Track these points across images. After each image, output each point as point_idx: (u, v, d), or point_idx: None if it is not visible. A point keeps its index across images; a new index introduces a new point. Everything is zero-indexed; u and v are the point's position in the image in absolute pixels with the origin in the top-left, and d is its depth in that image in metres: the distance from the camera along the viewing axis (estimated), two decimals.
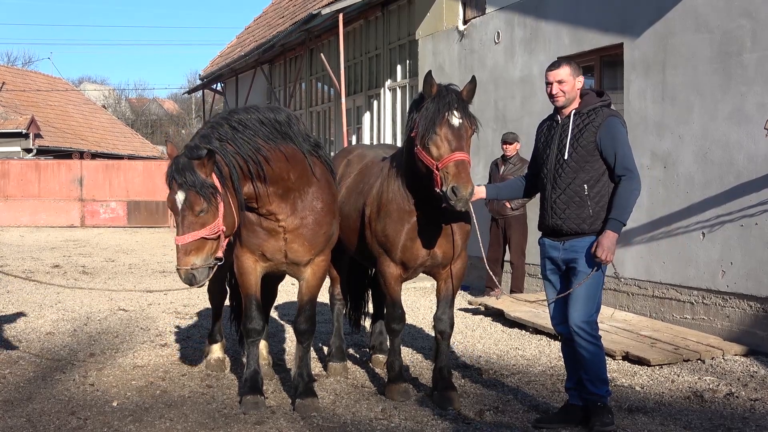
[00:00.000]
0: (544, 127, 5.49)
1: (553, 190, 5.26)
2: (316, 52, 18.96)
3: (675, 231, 8.50)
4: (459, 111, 5.35)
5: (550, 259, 5.38)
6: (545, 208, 5.35)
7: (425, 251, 5.83)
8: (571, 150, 5.18)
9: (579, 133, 5.17)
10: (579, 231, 5.19)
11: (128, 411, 5.67)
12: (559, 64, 5.33)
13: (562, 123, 5.29)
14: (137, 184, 27.12)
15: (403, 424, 5.42)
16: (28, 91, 38.11)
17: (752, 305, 7.68)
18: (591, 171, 5.15)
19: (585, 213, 5.16)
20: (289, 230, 5.63)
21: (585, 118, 5.19)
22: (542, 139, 5.45)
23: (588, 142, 5.14)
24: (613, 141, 5.12)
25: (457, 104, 5.36)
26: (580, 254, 5.20)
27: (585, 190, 5.15)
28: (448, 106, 5.33)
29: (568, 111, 5.28)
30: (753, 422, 5.51)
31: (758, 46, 7.62)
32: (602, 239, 5.09)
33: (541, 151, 5.43)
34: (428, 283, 11.28)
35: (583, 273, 5.18)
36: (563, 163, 5.20)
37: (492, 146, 11.28)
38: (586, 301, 5.18)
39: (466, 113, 5.41)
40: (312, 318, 5.92)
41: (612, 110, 5.28)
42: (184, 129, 64.18)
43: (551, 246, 5.36)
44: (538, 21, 10.82)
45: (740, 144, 7.79)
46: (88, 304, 10.39)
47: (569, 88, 5.22)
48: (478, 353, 7.66)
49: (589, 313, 5.19)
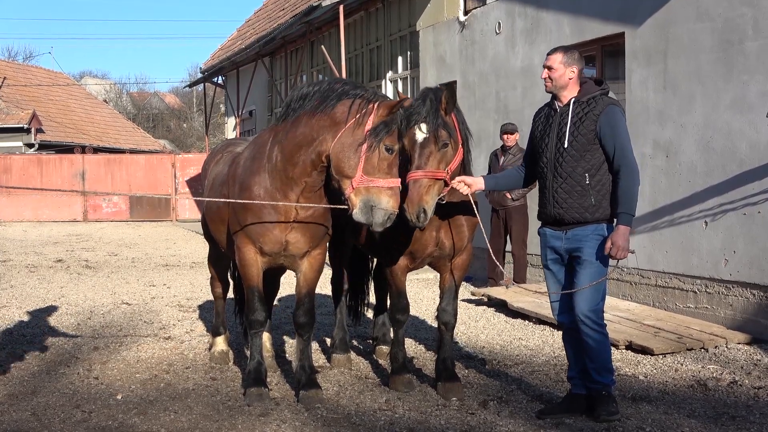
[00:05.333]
0: (542, 114, 5.47)
1: (554, 180, 5.25)
2: (317, 44, 18.93)
3: (677, 220, 8.49)
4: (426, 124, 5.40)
5: (552, 249, 5.37)
6: (546, 198, 5.33)
7: (434, 242, 5.82)
8: (571, 138, 5.16)
9: (579, 122, 5.15)
10: (581, 220, 5.18)
11: (133, 404, 5.68)
12: (554, 50, 5.34)
13: (561, 111, 5.26)
14: (139, 178, 27.12)
15: (407, 414, 5.43)
16: (29, 86, 38.10)
17: (755, 293, 7.67)
18: (591, 160, 5.14)
19: (587, 202, 5.15)
20: (300, 218, 5.61)
21: (585, 106, 5.18)
22: (540, 127, 5.43)
23: (588, 131, 5.12)
24: (612, 130, 5.11)
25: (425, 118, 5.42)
26: (584, 243, 5.18)
27: (586, 179, 5.14)
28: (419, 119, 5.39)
29: (566, 99, 5.26)
30: (757, 410, 5.51)
31: (760, 35, 7.60)
32: (616, 237, 5.06)
33: (539, 139, 5.40)
34: (431, 274, 11.28)
35: (588, 262, 5.16)
36: (563, 152, 5.18)
37: (493, 137, 11.27)
38: (593, 291, 5.17)
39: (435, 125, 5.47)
40: (311, 311, 5.92)
41: (612, 98, 5.27)
42: (185, 123, 64.17)
43: (553, 236, 5.35)
44: (539, 11, 10.80)
45: (742, 132, 7.77)
46: (92, 298, 10.41)
47: (557, 75, 5.22)
48: (482, 344, 7.67)
49: (595, 302, 5.18)
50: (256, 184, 5.63)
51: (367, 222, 5.13)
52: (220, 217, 6.19)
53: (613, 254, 5.07)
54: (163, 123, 65.47)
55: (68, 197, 26.60)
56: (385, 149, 5.12)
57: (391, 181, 5.12)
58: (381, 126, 5.12)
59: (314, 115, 5.35)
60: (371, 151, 5.11)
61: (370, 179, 5.09)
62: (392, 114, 5.17)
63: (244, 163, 5.85)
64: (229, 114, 29.46)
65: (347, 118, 5.21)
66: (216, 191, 6.27)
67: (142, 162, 27.96)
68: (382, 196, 5.08)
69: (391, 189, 5.10)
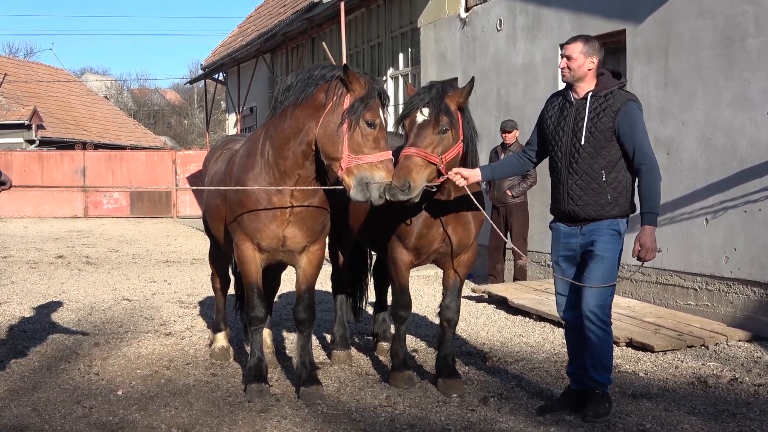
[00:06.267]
0: (556, 104, 5.31)
1: (568, 176, 5.14)
2: (317, 41, 18.92)
3: (678, 217, 8.49)
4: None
5: (565, 245, 5.28)
6: (560, 194, 5.23)
7: (440, 239, 5.80)
8: (588, 135, 5.05)
9: (596, 117, 5.04)
10: (597, 217, 5.11)
11: (133, 399, 5.69)
12: (574, 39, 5.18)
13: (577, 105, 5.14)
14: (140, 175, 27.11)
15: (408, 411, 5.44)
16: (30, 82, 38.09)
17: (756, 291, 7.68)
18: (608, 156, 5.04)
19: (603, 200, 5.07)
20: (296, 212, 5.62)
21: (602, 101, 5.06)
22: (553, 118, 5.28)
23: (606, 128, 5.02)
24: (631, 128, 5.00)
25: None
26: (598, 236, 5.12)
27: (603, 176, 5.05)
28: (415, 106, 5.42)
29: (583, 91, 5.13)
30: (757, 407, 5.52)
31: (761, 32, 7.59)
32: (644, 239, 4.99)
33: (552, 130, 5.26)
34: (431, 271, 11.28)
35: (600, 257, 5.10)
36: (579, 149, 5.08)
37: (494, 134, 11.26)
38: (603, 290, 5.12)
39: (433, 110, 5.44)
40: (311, 306, 5.91)
41: (629, 94, 5.16)
42: (186, 119, 64.15)
43: (567, 232, 5.26)
44: (540, 8, 10.79)
45: (743, 130, 7.77)
46: (92, 294, 10.42)
47: (576, 65, 5.09)
48: (482, 340, 7.68)
49: (603, 298, 5.12)
50: (250, 181, 5.64)
51: (366, 199, 5.13)
52: (219, 215, 6.20)
53: (642, 256, 5.00)
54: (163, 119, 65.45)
55: (69, 193, 26.59)
56: (367, 124, 5.14)
57: (380, 154, 5.10)
58: (357, 103, 5.15)
59: (298, 105, 5.38)
60: (353, 130, 5.12)
61: (358, 157, 5.10)
62: (368, 90, 5.18)
63: (240, 160, 5.87)
64: (229, 111, 29.46)
65: (326, 102, 5.24)
66: (214, 190, 6.28)
67: (142, 158, 27.95)
68: (374, 171, 5.07)
69: (382, 162, 5.10)
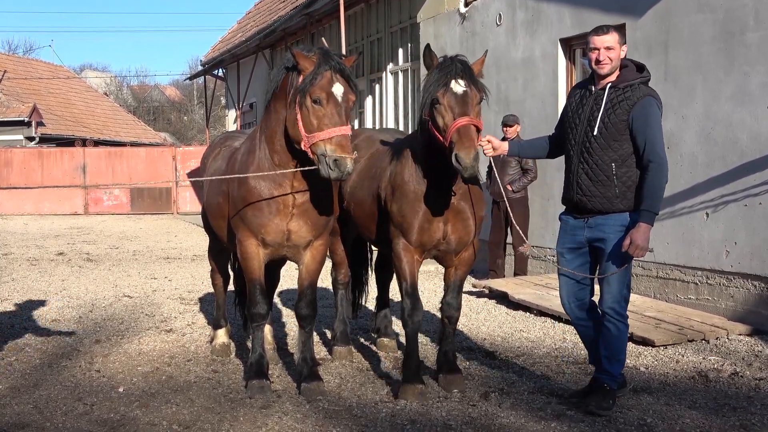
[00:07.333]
0: (578, 93, 5.32)
1: (579, 165, 5.16)
2: (317, 37, 18.89)
3: (679, 211, 8.48)
4: (463, 78, 5.19)
5: (572, 237, 5.31)
6: (570, 182, 5.26)
7: (441, 233, 5.73)
8: (601, 126, 5.04)
9: (612, 109, 5.02)
10: (603, 210, 5.11)
11: (134, 396, 5.69)
12: (607, 29, 5.12)
13: (596, 95, 5.13)
14: (140, 171, 27.09)
15: (409, 406, 5.44)
16: (29, 79, 38.03)
17: (756, 285, 7.68)
18: (619, 150, 5.04)
19: (611, 192, 5.08)
20: (298, 204, 5.63)
21: (620, 93, 5.04)
22: (573, 106, 5.29)
23: (620, 120, 5.00)
24: (645, 123, 4.97)
25: (462, 72, 5.21)
26: (607, 234, 5.13)
27: (612, 169, 5.05)
28: (452, 74, 5.19)
29: (605, 81, 5.12)
30: (758, 401, 5.52)
31: (761, 26, 7.58)
32: (636, 235, 4.97)
33: (570, 118, 5.28)
34: (432, 266, 11.28)
35: (614, 255, 5.11)
36: (591, 139, 5.08)
37: (493, 129, 11.24)
38: (617, 283, 5.18)
39: (472, 80, 5.24)
40: (313, 303, 5.91)
41: (650, 88, 5.13)
42: (186, 115, 64.12)
43: (575, 225, 5.29)
44: (540, 2, 10.77)
45: (743, 123, 7.76)
46: (93, 291, 10.42)
47: (616, 55, 5.06)
48: (483, 336, 7.68)
49: (620, 294, 5.20)
50: (252, 177, 5.67)
51: (329, 175, 5.14)
52: (221, 213, 6.20)
53: (630, 252, 5.01)
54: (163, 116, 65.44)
55: (69, 190, 26.60)
56: (313, 102, 5.20)
57: (330, 131, 5.14)
58: (302, 84, 5.23)
59: (273, 97, 5.56)
60: (302, 109, 5.22)
61: (312, 135, 5.18)
62: (314, 67, 5.24)
63: (241, 158, 5.93)
64: (229, 106, 29.45)
65: (288, 89, 5.37)
66: (215, 187, 6.28)
67: (142, 155, 27.94)
68: (327, 146, 5.13)
69: (331, 138, 5.13)
